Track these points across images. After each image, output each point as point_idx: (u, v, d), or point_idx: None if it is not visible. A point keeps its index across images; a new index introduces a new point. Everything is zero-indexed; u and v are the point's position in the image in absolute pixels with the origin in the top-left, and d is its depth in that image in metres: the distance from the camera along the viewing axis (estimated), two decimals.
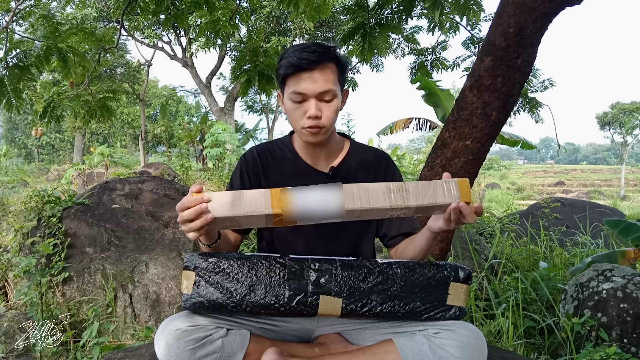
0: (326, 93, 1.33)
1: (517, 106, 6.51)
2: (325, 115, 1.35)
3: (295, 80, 1.33)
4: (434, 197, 1.16)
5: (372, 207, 1.14)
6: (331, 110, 1.36)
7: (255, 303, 1.25)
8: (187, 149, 17.12)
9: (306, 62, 1.31)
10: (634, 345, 2.42)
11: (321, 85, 1.32)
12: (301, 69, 1.31)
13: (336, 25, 16.25)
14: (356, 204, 1.13)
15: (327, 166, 1.48)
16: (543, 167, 52.90)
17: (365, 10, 4.26)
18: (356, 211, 1.14)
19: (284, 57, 1.37)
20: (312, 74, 1.32)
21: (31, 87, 3.62)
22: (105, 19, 15.90)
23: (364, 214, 1.16)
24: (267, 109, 25.63)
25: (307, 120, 1.35)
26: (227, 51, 17.51)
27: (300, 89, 1.32)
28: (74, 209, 3.85)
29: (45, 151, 32.27)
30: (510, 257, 4.17)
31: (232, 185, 1.49)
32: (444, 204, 1.17)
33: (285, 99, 1.38)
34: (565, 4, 2.43)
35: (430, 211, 1.20)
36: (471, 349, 1.24)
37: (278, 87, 1.45)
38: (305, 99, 1.34)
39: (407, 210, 1.17)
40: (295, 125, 1.39)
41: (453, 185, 1.17)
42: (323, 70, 1.33)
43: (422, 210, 1.18)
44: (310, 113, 1.33)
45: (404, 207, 1.15)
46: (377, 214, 1.17)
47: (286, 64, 1.34)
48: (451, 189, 1.17)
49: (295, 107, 1.35)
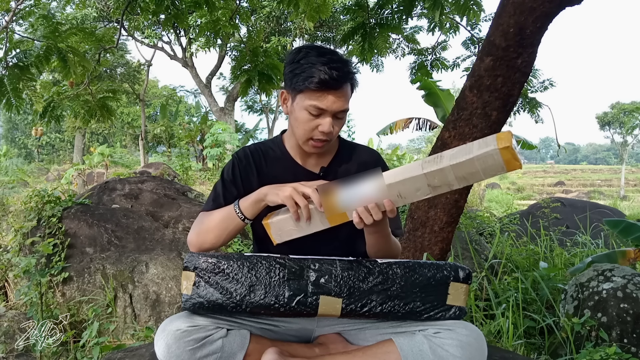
0: (343, 112, 1.35)
1: (517, 106, 6.51)
2: (334, 131, 1.37)
3: (318, 96, 1.30)
4: (468, 153, 1.10)
5: (408, 176, 1.14)
6: (340, 126, 1.38)
7: (255, 303, 1.25)
8: (187, 149, 17.13)
9: (335, 82, 1.29)
10: (634, 345, 2.42)
11: (341, 105, 1.33)
12: (328, 87, 1.29)
13: (336, 25, 16.25)
14: (397, 178, 1.15)
15: (317, 166, 1.48)
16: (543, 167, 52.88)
17: (365, 10, 4.26)
18: (393, 185, 1.16)
19: (304, 64, 1.31)
20: (336, 92, 1.31)
21: (31, 87, 3.62)
22: (105, 19, 15.90)
23: (404, 191, 1.16)
24: (267, 109, 25.63)
25: (319, 134, 1.35)
26: (227, 51, 17.52)
27: (323, 106, 1.31)
28: (74, 209, 3.85)
29: (45, 151, 32.27)
30: (510, 257, 4.17)
31: (223, 176, 1.48)
32: (481, 156, 1.08)
33: (299, 107, 1.34)
34: (565, 4, 2.43)
35: (475, 176, 1.11)
36: (471, 349, 1.24)
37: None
38: (321, 114, 1.33)
39: (447, 176, 1.11)
40: (303, 135, 1.37)
41: (489, 139, 1.10)
42: (345, 89, 1.33)
43: (466, 174, 1.10)
44: (324, 129, 1.33)
45: (438, 170, 1.11)
46: (420, 189, 1.15)
47: (311, 77, 1.29)
48: (487, 141, 1.10)
49: (309, 119, 1.34)
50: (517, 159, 1.06)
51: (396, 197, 1.18)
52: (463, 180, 1.12)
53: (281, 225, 1.28)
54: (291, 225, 1.27)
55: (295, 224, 1.26)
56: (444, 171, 1.11)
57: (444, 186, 1.13)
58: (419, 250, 2.79)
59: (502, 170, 1.09)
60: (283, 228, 1.28)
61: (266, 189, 1.32)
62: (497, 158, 1.07)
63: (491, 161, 1.08)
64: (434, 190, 1.15)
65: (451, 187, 1.14)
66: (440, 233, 2.79)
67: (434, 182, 1.13)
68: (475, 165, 1.09)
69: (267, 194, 1.30)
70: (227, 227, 1.37)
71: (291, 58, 1.36)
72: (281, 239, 1.29)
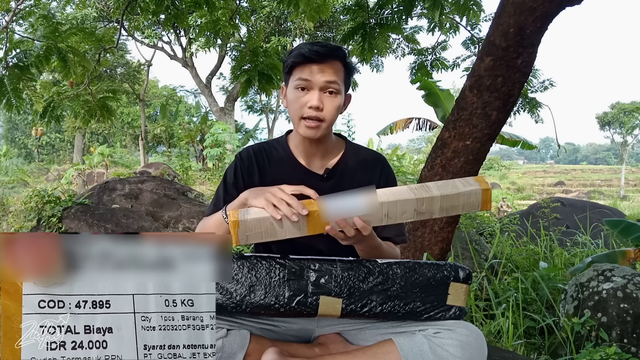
0: (331, 84, 1.34)
1: (517, 106, 6.51)
2: (326, 109, 1.35)
3: (302, 69, 1.35)
4: (455, 188, 1.21)
5: (400, 198, 1.19)
6: (333, 105, 1.36)
7: (255, 304, 1.25)
8: (187, 149, 17.15)
9: (316, 54, 1.33)
10: (634, 345, 2.42)
11: (326, 77, 1.34)
12: (311, 60, 1.34)
13: (336, 25, 16.26)
14: (388, 198, 1.19)
15: (322, 167, 1.47)
16: (543, 167, 52.92)
17: (365, 10, 4.26)
18: (385, 204, 1.19)
19: (293, 50, 1.39)
20: (320, 65, 1.34)
21: (31, 87, 3.62)
22: (105, 19, 15.91)
23: (392, 211, 1.20)
24: (267, 109, 25.63)
25: (308, 110, 1.34)
26: (227, 51, 17.52)
27: (308, 76, 1.34)
28: (74, 209, 3.85)
29: (45, 151, 32.28)
30: (510, 257, 4.17)
31: (225, 178, 1.48)
32: (466, 192, 1.20)
33: (289, 89, 1.38)
34: (565, 4, 2.43)
35: (455, 209, 1.23)
36: (471, 349, 1.24)
37: (279, 87, 1.46)
38: (309, 88, 1.34)
39: (433, 204, 1.20)
40: (295, 116, 1.38)
41: (470, 179, 1.23)
42: (331, 64, 1.35)
43: (449, 206, 1.21)
44: (312, 103, 1.33)
45: (429, 198, 1.19)
46: (406, 212, 1.20)
47: (296, 54, 1.36)
48: (469, 181, 1.23)
49: (297, 97, 1.35)
50: (490, 201, 1.23)
51: (382, 216, 1.20)
52: (444, 211, 1.22)
53: (253, 226, 1.20)
54: (264, 228, 1.20)
55: (270, 227, 1.20)
56: (434, 200, 1.20)
57: (427, 213, 1.22)
58: (419, 250, 2.79)
59: (477, 208, 1.23)
60: (254, 229, 1.20)
61: (247, 193, 1.29)
62: (477, 197, 1.22)
63: (473, 198, 1.21)
64: (417, 215, 1.22)
65: (432, 215, 1.23)
66: (440, 233, 2.79)
67: (421, 208, 1.20)
68: (459, 199, 1.21)
69: (247, 198, 1.27)
70: (220, 231, 1.35)
71: (288, 52, 1.42)
72: (247, 240, 1.21)
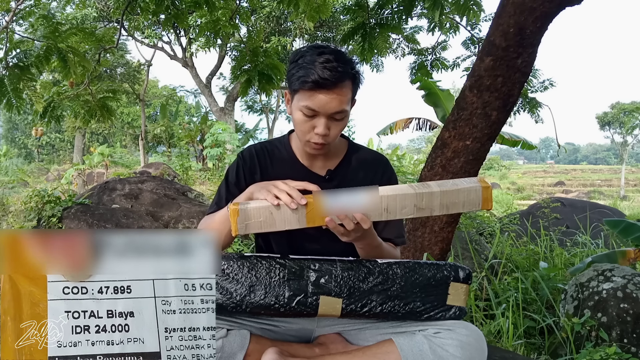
0: (338, 114, 1.31)
1: (517, 106, 6.50)
2: (332, 133, 1.34)
3: (310, 96, 1.28)
4: (454, 185, 1.22)
5: (399, 193, 1.21)
6: (339, 129, 1.35)
7: (255, 304, 1.25)
8: (187, 149, 17.15)
9: (327, 82, 1.26)
10: (634, 345, 2.42)
11: (335, 107, 1.29)
12: (319, 87, 1.27)
13: (336, 25, 16.24)
14: (388, 192, 1.20)
15: (324, 168, 1.46)
16: (543, 167, 52.89)
17: (365, 10, 4.26)
18: (385, 198, 1.20)
19: (302, 64, 1.30)
20: (329, 93, 1.27)
21: (31, 87, 3.62)
22: (105, 19, 15.90)
23: (392, 206, 1.20)
24: (267, 109, 25.62)
25: (315, 136, 1.33)
26: (227, 51, 17.50)
27: (314, 106, 1.28)
28: (74, 209, 3.85)
29: (45, 151, 32.27)
30: (510, 257, 4.17)
31: (227, 178, 1.48)
32: (466, 189, 1.22)
33: (295, 107, 1.34)
34: (565, 4, 2.43)
35: (455, 207, 1.23)
36: (471, 349, 1.24)
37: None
38: (316, 115, 1.31)
39: (433, 200, 1.21)
40: (301, 137, 1.37)
41: (471, 179, 1.25)
42: (340, 90, 1.29)
43: (449, 203, 1.22)
44: (318, 131, 1.31)
45: (428, 193, 1.20)
46: (405, 208, 1.21)
47: (304, 78, 1.27)
48: (469, 180, 1.24)
49: (304, 120, 1.32)
50: (491, 200, 1.24)
51: (381, 210, 1.20)
52: (444, 208, 1.23)
53: (252, 214, 1.20)
54: (263, 217, 1.20)
55: (269, 216, 1.20)
56: (433, 195, 1.21)
57: (427, 210, 1.22)
58: (419, 250, 2.79)
59: (478, 206, 1.24)
60: (253, 218, 1.20)
61: (253, 187, 1.30)
62: (478, 194, 1.23)
63: (473, 195, 1.22)
64: (417, 211, 1.22)
65: (432, 212, 1.23)
66: (440, 233, 2.79)
67: (421, 203, 1.21)
68: (459, 196, 1.22)
69: (253, 192, 1.28)
70: (224, 229, 1.33)
71: (292, 59, 1.36)
72: (246, 230, 1.21)
